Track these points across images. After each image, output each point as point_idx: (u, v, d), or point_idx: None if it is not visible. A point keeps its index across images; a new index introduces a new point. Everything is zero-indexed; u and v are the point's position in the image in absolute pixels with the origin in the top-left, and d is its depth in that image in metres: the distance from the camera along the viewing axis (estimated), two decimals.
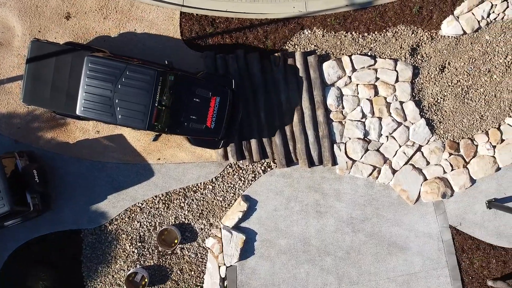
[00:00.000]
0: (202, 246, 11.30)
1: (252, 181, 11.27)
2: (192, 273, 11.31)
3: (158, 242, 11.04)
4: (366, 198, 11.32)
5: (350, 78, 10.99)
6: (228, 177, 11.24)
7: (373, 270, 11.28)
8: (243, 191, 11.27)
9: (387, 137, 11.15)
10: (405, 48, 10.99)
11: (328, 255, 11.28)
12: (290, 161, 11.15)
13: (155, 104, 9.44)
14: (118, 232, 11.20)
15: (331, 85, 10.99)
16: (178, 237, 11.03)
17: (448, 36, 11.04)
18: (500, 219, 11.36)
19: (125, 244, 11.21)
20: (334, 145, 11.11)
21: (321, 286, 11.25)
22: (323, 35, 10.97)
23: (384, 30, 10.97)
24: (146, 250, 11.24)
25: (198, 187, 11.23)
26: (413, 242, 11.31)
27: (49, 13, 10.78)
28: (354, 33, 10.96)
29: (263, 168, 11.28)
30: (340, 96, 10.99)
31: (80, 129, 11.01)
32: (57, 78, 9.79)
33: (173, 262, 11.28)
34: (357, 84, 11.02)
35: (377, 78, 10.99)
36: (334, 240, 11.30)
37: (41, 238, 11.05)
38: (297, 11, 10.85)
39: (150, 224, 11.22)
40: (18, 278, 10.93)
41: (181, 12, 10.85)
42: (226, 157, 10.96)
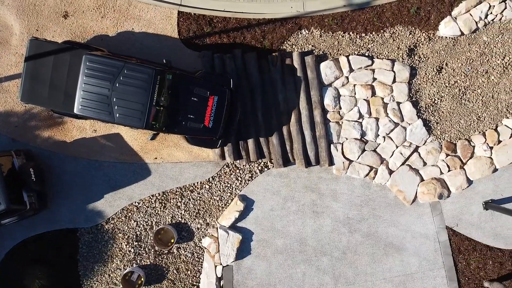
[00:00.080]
0: (199, 246, 11.30)
1: (249, 181, 11.26)
2: (188, 272, 11.31)
3: (154, 242, 11.04)
4: (362, 199, 11.32)
5: (347, 78, 10.99)
6: (225, 176, 11.24)
7: (369, 271, 11.28)
8: (240, 191, 11.27)
9: (384, 137, 11.15)
10: (402, 48, 11.00)
11: (324, 255, 11.28)
12: (287, 161, 11.16)
13: (153, 103, 9.43)
14: (115, 231, 11.20)
15: (329, 85, 11.00)
16: (175, 236, 11.03)
17: (445, 37, 11.04)
18: (496, 220, 11.36)
19: (121, 243, 11.20)
20: (331, 145, 11.11)
21: (317, 286, 11.24)
22: (321, 35, 10.98)
23: (381, 31, 10.97)
24: (142, 249, 11.23)
25: (195, 187, 11.23)
26: (409, 243, 11.30)
27: (47, 11, 10.78)
28: (351, 33, 10.97)
29: (260, 168, 11.28)
30: (337, 96, 11.00)
31: (77, 128, 11.01)
32: (55, 77, 9.78)
33: (169, 262, 11.28)
34: (354, 84, 11.02)
35: (374, 78, 10.99)
36: (330, 240, 11.29)
37: (37, 237, 11.04)
38: (294, 11, 10.86)
39: (147, 223, 11.22)
40: (15, 276, 10.93)
41: (178, 11, 10.85)
42: (223, 156, 10.96)
